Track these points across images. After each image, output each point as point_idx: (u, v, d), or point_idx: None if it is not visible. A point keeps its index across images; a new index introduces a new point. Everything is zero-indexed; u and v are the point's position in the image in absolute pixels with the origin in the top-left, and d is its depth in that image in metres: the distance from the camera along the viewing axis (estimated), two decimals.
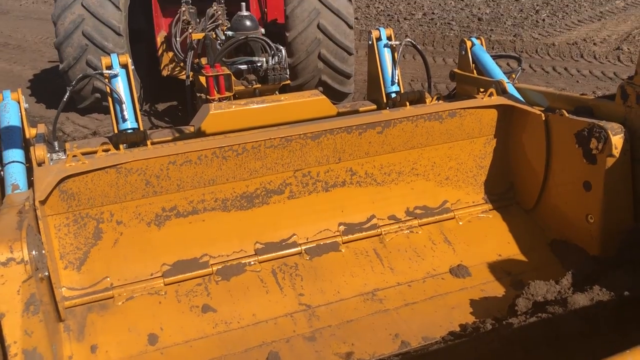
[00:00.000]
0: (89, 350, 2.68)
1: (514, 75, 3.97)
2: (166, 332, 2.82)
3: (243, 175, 3.07)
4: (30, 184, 2.70)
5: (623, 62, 8.54)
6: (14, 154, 2.87)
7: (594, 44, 9.38)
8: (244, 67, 5.23)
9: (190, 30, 6.18)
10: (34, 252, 2.14)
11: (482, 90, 3.75)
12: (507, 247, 3.45)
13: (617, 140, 2.94)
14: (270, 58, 5.16)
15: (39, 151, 2.89)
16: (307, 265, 3.19)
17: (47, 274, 2.37)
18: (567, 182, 3.29)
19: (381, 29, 4.39)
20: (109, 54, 3.73)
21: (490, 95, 3.49)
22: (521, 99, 3.57)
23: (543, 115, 3.32)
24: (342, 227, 3.33)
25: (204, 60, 5.66)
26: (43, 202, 2.56)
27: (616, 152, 2.95)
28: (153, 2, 6.59)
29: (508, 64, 7.61)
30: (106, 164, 2.74)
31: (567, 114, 3.17)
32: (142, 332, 2.79)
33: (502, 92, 3.64)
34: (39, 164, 2.86)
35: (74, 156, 2.69)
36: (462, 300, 3.12)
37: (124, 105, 3.62)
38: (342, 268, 3.21)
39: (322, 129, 3.14)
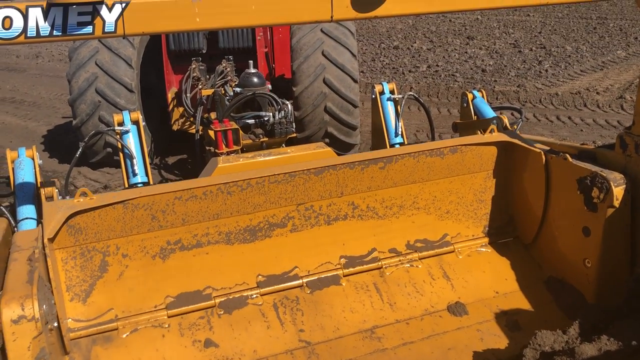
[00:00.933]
0: None
1: (515, 127, 4.06)
2: None
3: (247, 209, 3.12)
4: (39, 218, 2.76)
5: (626, 110, 8.64)
6: (28, 211, 2.95)
7: (597, 93, 9.51)
8: (251, 121, 5.38)
9: (200, 87, 6.39)
10: (44, 307, 2.18)
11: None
12: (504, 284, 3.46)
13: (619, 192, 2.97)
14: (277, 112, 5.31)
15: (48, 187, 2.95)
16: (308, 299, 3.21)
17: (56, 324, 2.41)
18: (567, 224, 3.31)
19: (384, 83, 4.53)
20: (121, 111, 3.86)
21: (492, 131, 3.57)
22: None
23: (543, 154, 3.37)
24: (343, 260, 3.34)
25: (213, 115, 5.83)
26: (52, 240, 2.62)
27: (617, 202, 2.98)
28: (164, 59, 6.83)
29: (512, 114, 7.74)
30: (114, 199, 2.82)
31: (570, 159, 3.21)
32: None
33: (503, 128, 3.71)
34: (48, 199, 2.93)
35: (83, 193, 2.77)
36: (458, 341, 3.14)
37: (134, 160, 3.72)
38: (342, 303, 3.23)
39: (326, 164, 3.22)
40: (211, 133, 5.25)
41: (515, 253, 3.60)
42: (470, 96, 4.28)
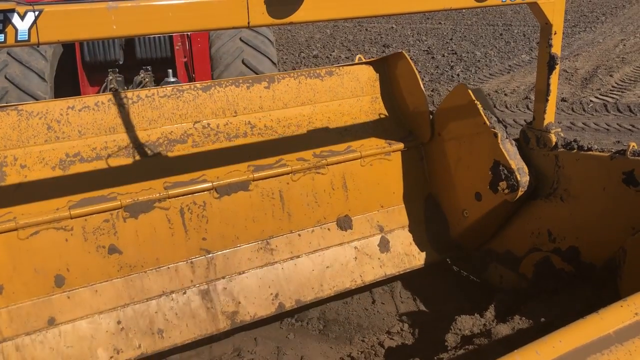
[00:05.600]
0: None
1: None
2: (72, 273, 2.84)
3: (142, 124, 3.23)
4: None
5: (532, 110, 9.18)
6: None
7: (505, 94, 10.07)
8: None
9: None
10: None
11: None
12: (390, 198, 3.71)
13: (521, 192, 3.24)
14: None
15: None
16: (215, 205, 3.25)
17: None
18: (464, 173, 3.57)
19: None
20: None
21: (360, 60, 3.91)
22: None
23: (405, 53, 3.74)
24: (251, 167, 3.40)
25: None
26: None
27: (514, 199, 3.28)
28: (79, 71, 6.64)
29: None
30: (6, 104, 2.88)
31: (500, 139, 3.31)
32: (48, 273, 2.80)
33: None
34: None
35: None
36: (337, 259, 3.42)
37: None
38: (247, 211, 3.33)
39: (211, 82, 3.40)
40: None
41: (411, 163, 3.80)
42: None
